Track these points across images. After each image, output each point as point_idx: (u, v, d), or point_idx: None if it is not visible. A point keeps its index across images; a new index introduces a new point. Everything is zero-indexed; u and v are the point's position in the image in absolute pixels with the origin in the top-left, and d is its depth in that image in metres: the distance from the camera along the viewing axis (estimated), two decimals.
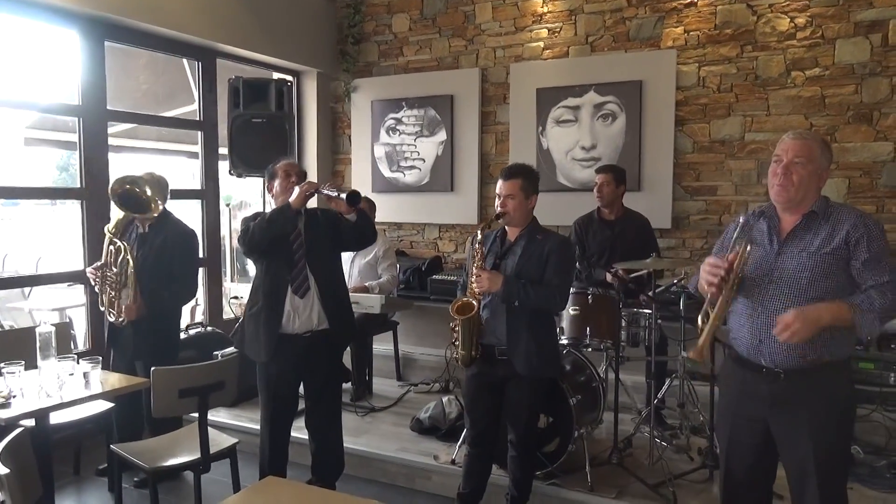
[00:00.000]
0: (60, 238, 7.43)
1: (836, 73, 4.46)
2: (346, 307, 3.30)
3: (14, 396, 2.61)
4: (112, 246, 3.50)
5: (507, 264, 2.89)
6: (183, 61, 5.87)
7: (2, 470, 1.90)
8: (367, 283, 4.69)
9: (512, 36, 5.46)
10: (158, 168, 3.78)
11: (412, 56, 5.89)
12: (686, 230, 4.98)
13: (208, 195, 5.29)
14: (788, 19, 4.56)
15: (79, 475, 3.78)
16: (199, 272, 4.70)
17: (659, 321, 3.65)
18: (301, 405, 3.31)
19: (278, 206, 3.06)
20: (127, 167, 4.66)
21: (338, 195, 2.91)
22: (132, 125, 5.85)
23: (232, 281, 6.22)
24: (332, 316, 3.11)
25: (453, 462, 3.56)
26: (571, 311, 3.61)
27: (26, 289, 6.57)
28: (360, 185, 6.05)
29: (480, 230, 2.93)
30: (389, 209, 5.89)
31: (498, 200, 2.91)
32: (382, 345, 5.14)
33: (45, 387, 2.71)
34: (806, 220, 2.17)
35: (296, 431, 3.31)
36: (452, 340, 2.92)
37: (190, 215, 4.69)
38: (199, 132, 5.28)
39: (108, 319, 3.56)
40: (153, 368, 2.77)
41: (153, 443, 3.10)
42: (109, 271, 3.49)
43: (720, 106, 4.80)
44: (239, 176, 5.05)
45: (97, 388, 2.84)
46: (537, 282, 2.83)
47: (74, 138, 4.41)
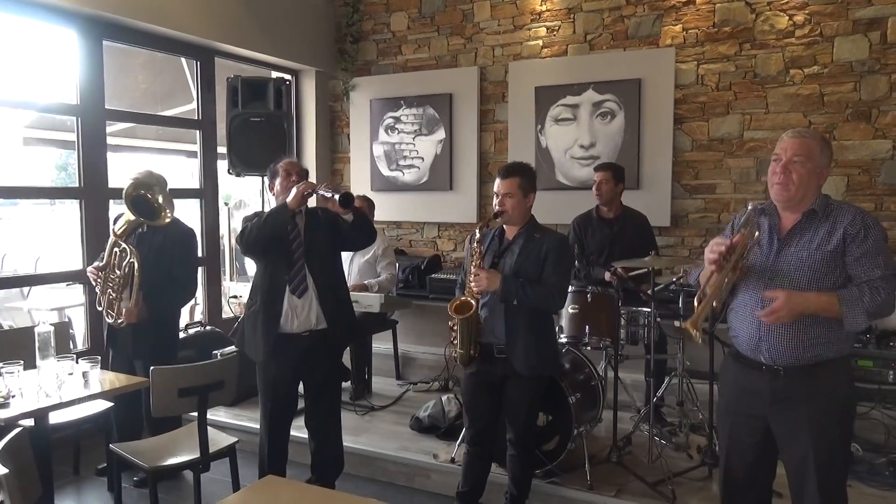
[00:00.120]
0: (59, 238, 7.42)
1: (835, 71, 4.46)
2: (347, 307, 3.28)
3: (13, 396, 2.61)
4: (117, 248, 3.45)
5: (506, 263, 2.89)
6: (181, 60, 5.86)
7: (1, 470, 1.90)
8: (367, 282, 4.69)
9: (510, 34, 5.46)
10: (157, 167, 3.77)
11: (411, 55, 5.89)
12: (685, 228, 4.98)
13: (207, 194, 5.29)
14: (787, 17, 4.56)
15: (78, 475, 3.78)
16: (199, 271, 4.69)
17: (658, 319, 3.65)
18: (301, 404, 3.30)
19: (275, 207, 3.05)
20: (126, 166, 4.66)
21: (332, 196, 2.90)
22: (131, 124, 5.85)
23: (231, 280, 6.22)
24: (331, 316, 3.10)
25: (453, 461, 3.56)
26: (570, 310, 3.61)
27: (25, 288, 6.57)
28: (359, 184, 6.06)
29: (479, 229, 2.93)
30: (388, 208, 5.89)
31: (496, 199, 2.90)
32: (382, 343, 5.15)
33: (45, 387, 2.71)
34: (806, 219, 2.17)
35: (295, 430, 3.31)
36: (451, 339, 2.92)
37: (189, 214, 4.68)
38: (198, 131, 5.28)
39: (107, 321, 3.54)
40: (152, 368, 2.77)
41: (152, 442, 3.10)
42: (112, 273, 3.45)
43: (719, 104, 4.80)
44: (238, 175, 5.05)
45: (96, 388, 2.84)
46: (535, 280, 2.82)
47: (73, 138, 4.41)
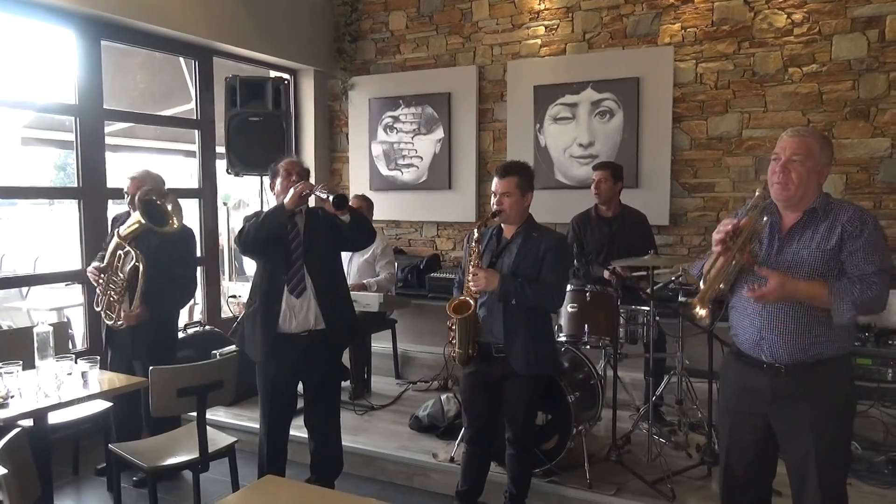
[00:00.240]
0: (58, 238, 7.42)
1: (834, 69, 4.46)
2: (347, 307, 3.27)
3: (12, 397, 2.61)
4: (120, 250, 3.43)
5: (504, 262, 2.89)
6: (180, 60, 5.86)
7: (0, 470, 1.90)
8: (366, 281, 4.69)
9: (509, 33, 5.45)
10: (155, 167, 3.76)
11: (409, 54, 5.88)
12: (684, 227, 4.98)
13: (206, 194, 5.29)
14: (785, 15, 4.56)
15: (77, 475, 3.78)
16: (198, 271, 4.69)
17: (657, 318, 3.65)
18: (300, 404, 3.30)
19: (273, 207, 3.04)
20: (124, 166, 4.65)
21: (327, 197, 2.88)
22: (129, 124, 5.84)
23: (230, 280, 6.22)
24: (330, 316, 3.09)
25: (452, 460, 3.56)
26: (570, 309, 3.60)
27: (24, 289, 6.56)
28: (358, 184, 6.06)
29: (476, 228, 2.93)
30: (387, 207, 5.88)
31: (494, 198, 2.90)
32: (381, 343, 5.14)
33: (44, 387, 2.71)
34: (807, 218, 2.17)
35: (295, 430, 3.32)
36: (450, 339, 2.92)
37: (188, 214, 4.67)
38: (197, 131, 5.28)
39: (106, 322, 3.53)
40: (151, 368, 2.77)
41: (152, 442, 3.09)
42: (115, 276, 3.43)
43: (717, 102, 4.80)
44: (236, 175, 5.05)
45: (95, 388, 2.84)
46: (534, 280, 2.82)
47: (71, 137, 4.41)
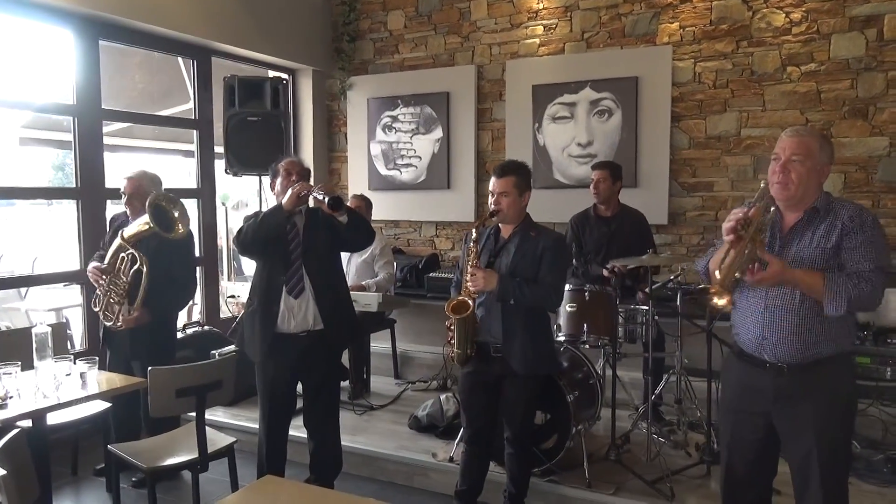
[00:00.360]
0: (56, 238, 7.40)
1: (832, 68, 4.47)
2: (346, 308, 3.26)
3: (11, 397, 2.60)
4: (123, 252, 3.41)
5: (502, 262, 2.89)
6: (178, 60, 5.84)
7: None
8: (364, 282, 4.69)
9: (507, 33, 5.45)
10: (154, 167, 3.76)
11: (408, 53, 5.88)
12: (682, 226, 4.99)
13: (204, 194, 5.29)
14: (784, 14, 4.56)
15: (76, 475, 3.78)
16: (198, 272, 4.68)
17: (656, 317, 3.65)
18: (299, 404, 3.30)
19: (271, 207, 3.04)
20: (122, 166, 4.65)
21: (323, 198, 2.87)
22: (127, 124, 5.84)
23: (229, 280, 6.22)
24: (329, 317, 3.08)
25: (451, 459, 3.56)
26: (568, 308, 3.60)
27: (22, 289, 6.55)
28: (357, 183, 6.06)
29: (475, 228, 2.93)
30: (386, 207, 5.88)
31: (492, 198, 2.90)
32: (380, 343, 5.14)
33: (42, 387, 2.70)
34: (808, 217, 2.17)
35: (294, 430, 3.31)
36: (448, 339, 2.92)
37: None
38: (195, 131, 5.27)
39: (105, 323, 3.52)
40: (150, 368, 2.76)
41: (151, 442, 3.09)
42: (117, 279, 3.42)
43: (716, 102, 4.80)
44: (235, 174, 5.05)
45: (94, 389, 2.83)
46: (532, 279, 2.82)
47: (70, 138, 4.40)
